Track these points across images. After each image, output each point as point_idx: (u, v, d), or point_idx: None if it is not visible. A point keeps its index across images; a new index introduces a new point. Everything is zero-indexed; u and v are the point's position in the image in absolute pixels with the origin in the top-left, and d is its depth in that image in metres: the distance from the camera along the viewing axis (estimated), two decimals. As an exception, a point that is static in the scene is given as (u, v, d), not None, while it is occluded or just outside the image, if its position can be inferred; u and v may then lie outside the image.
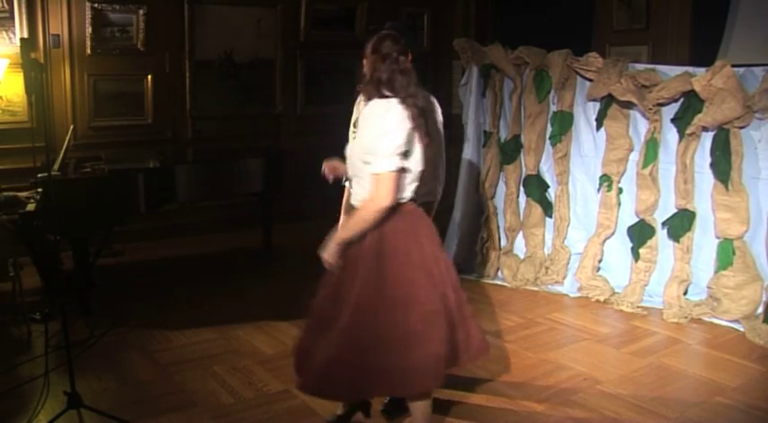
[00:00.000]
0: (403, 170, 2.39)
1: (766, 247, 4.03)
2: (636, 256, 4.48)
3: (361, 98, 2.99)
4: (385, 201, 2.36)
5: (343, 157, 2.73)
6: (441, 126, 2.99)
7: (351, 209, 2.58)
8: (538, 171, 4.91)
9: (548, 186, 4.92)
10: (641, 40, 6.08)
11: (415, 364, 2.40)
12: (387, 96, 2.43)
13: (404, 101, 2.40)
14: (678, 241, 4.29)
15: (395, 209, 2.40)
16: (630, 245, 4.51)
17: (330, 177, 2.82)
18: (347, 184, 2.89)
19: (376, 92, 2.45)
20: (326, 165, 2.82)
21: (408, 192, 2.46)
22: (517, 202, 5.05)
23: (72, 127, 5.13)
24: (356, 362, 2.41)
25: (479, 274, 5.04)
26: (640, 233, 4.44)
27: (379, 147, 2.36)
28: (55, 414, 2.86)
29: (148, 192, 4.35)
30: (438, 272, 2.47)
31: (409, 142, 2.39)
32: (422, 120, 2.41)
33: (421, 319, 2.40)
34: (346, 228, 2.51)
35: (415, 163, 2.44)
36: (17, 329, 3.97)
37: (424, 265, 2.43)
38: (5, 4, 5.16)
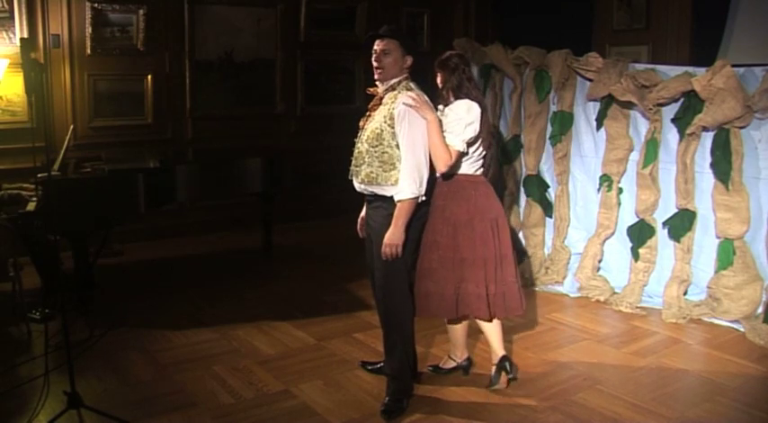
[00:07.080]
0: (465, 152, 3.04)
1: (766, 247, 4.03)
2: (636, 256, 4.48)
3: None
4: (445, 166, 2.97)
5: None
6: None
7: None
8: (538, 171, 4.91)
9: (548, 186, 4.92)
10: (641, 40, 6.08)
11: (428, 293, 3.08)
12: (461, 98, 3.04)
13: (477, 100, 3.06)
14: (678, 241, 4.29)
15: (451, 177, 3.04)
16: (630, 245, 4.51)
17: None
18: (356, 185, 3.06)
19: (451, 97, 3.07)
20: None
21: (468, 168, 3.08)
22: (517, 202, 5.05)
23: (72, 127, 5.12)
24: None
25: (479, 274, 5.03)
26: (640, 233, 4.44)
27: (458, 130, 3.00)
28: (55, 414, 2.86)
29: (148, 192, 4.35)
30: (468, 232, 3.03)
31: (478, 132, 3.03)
32: (486, 115, 3.09)
33: (437, 259, 3.05)
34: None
35: (478, 148, 3.08)
36: (17, 329, 3.97)
37: (452, 221, 3.04)
38: (5, 4, 5.16)
